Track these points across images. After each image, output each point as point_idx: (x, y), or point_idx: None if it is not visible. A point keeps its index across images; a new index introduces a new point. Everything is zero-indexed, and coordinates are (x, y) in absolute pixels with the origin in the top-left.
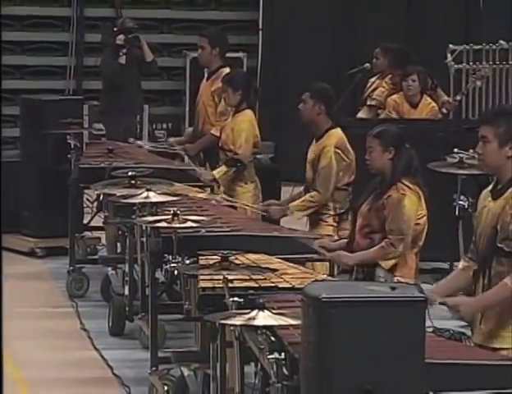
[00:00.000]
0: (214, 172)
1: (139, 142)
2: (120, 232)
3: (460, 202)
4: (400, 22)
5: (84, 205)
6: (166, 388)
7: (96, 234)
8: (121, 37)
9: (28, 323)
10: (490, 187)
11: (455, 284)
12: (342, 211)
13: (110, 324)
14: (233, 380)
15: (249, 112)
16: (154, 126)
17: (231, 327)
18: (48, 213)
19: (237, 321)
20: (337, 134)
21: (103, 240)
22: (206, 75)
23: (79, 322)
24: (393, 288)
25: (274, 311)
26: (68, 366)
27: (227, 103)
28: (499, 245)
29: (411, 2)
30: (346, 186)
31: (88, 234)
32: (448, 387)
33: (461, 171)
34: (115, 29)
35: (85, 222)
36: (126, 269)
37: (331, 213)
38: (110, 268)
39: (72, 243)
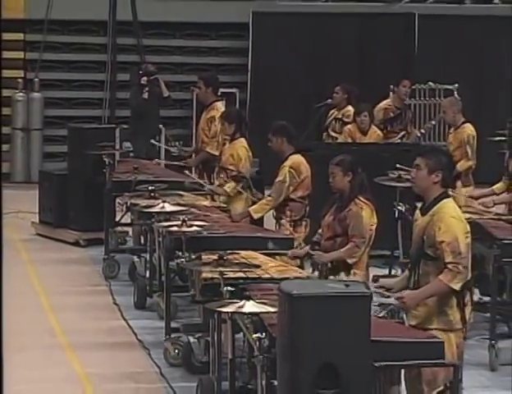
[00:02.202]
0: (225, 187)
1: (157, 160)
2: (143, 229)
3: (399, 207)
4: (353, 66)
5: (116, 207)
6: (176, 351)
7: (125, 229)
8: (145, 78)
9: (72, 299)
10: (420, 205)
11: (404, 282)
12: (297, 218)
13: (135, 300)
14: (227, 348)
15: (243, 139)
16: (169, 144)
17: None
18: (89, 213)
19: (229, 309)
20: (295, 158)
21: (130, 233)
22: None
23: (111, 298)
24: (347, 285)
25: (258, 300)
26: (102, 332)
27: (224, 133)
28: (426, 251)
29: (362, 50)
30: (301, 199)
31: (119, 229)
32: (388, 358)
33: (399, 184)
34: (140, 72)
35: (117, 219)
36: (147, 258)
37: (288, 219)
38: (135, 256)
39: (107, 236)
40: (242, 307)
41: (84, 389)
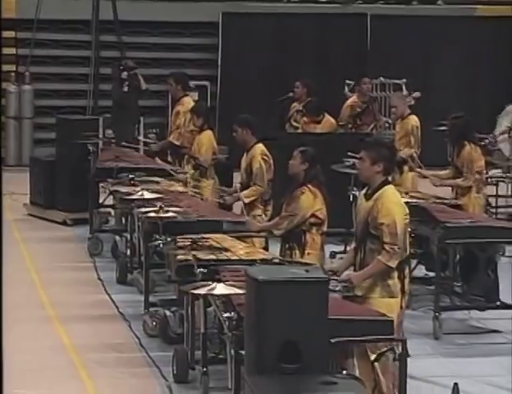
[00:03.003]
0: (187, 174)
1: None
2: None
3: (353, 192)
4: (312, 62)
5: (100, 190)
6: (154, 323)
7: (107, 210)
8: (125, 73)
9: (60, 274)
10: (364, 191)
11: (350, 260)
12: (267, 198)
13: (117, 275)
14: (199, 322)
15: (209, 131)
16: (147, 131)
17: None
18: (75, 196)
19: (202, 291)
20: (260, 147)
21: (113, 214)
22: None
23: (95, 273)
24: (307, 271)
25: (227, 283)
26: (87, 306)
27: (194, 125)
28: (371, 232)
29: (319, 48)
30: (269, 182)
31: (102, 210)
32: (343, 335)
33: (353, 171)
34: (120, 67)
35: (100, 201)
36: (128, 237)
37: (259, 199)
38: (117, 236)
39: (91, 217)
40: (213, 289)
41: (71, 359)
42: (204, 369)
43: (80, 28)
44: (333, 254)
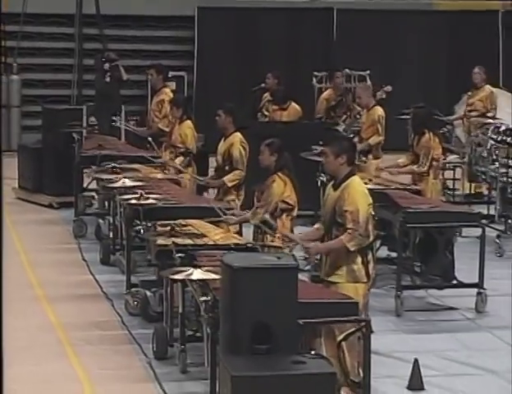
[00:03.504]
0: (176, 161)
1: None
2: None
3: (321, 178)
4: (282, 54)
5: (84, 174)
6: (135, 303)
7: (91, 194)
8: (107, 64)
9: (47, 255)
10: (331, 182)
11: (312, 236)
12: (240, 183)
13: (100, 256)
14: (178, 303)
15: (188, 122)
16: (128, 118)
17: None
18: (61, 180)
19: (180, 276)
20: (238, 135)
21: (96, 197)
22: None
23: (80, 254)
24: (278, 258)
25: (204, 268)
26: (73, 285)
27: (173, 116)
28: (337, 220)
29: (289, 41)
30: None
31: (86, 194)
32: (312, 316)
33: (321, 159)
34: (103, 59)
35: (84, 186)
36: (111, 220)
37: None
38: (100, 219)
39: (76, 200)
40: (191, 274)
41: (58, 336)
42: (182, 347)
43: (64, 21)
44: None
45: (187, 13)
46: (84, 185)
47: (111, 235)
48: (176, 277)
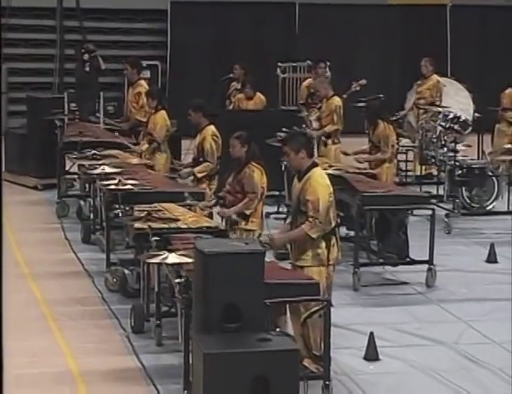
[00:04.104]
0: (142, 147)
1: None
2: None
3: (284, 162)
4: (248, 46)
5: (66, 159)
6: (114, 280)
7: (73, 176)
8: (86, 55)
9: (32, 234)
10: (297, 175)
11: (286, 231)
12: (212, 174)
13: (82, 235)
14: (153, 282)
15: (163, 111)
16: (106, 104)
17: None
18: (44, 163)
19: (156, 260)
20: (211, 128)
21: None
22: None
23: (63, 233)
24: (246, 244)
25: (178, 252)
26: (56, 263)
27: (149, 107)
28: (301, 209)
29: (255, 33)
30: (217, 159)
31: (68, 176)
32: (277, 296)
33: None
34: (82, 50)
35: (66, 169)
36: (91, 202)
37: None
38: (81, 200)
39: (59, 183)
40: (166, 258)
41: (42, 312)
42: (158, 322)
43: (46, 14)
44: (267, 215)
45: (160, 7)
46: (67, 168)
47: (91, 216)
48: (152, 260)
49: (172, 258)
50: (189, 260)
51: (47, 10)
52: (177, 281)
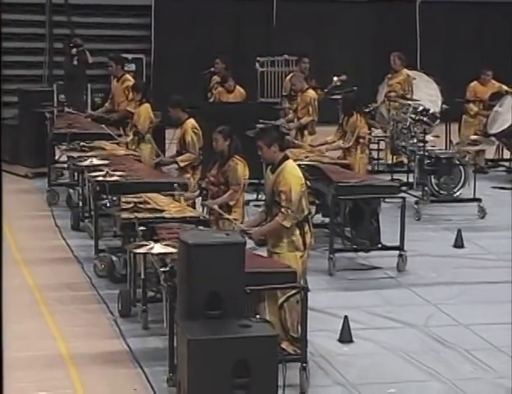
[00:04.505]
0: (128, 138)
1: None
2: None
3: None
4: (228, 41)
5: (56, 148)
6: (103, 266)
7: (62, 165)
8: (74, 49)
9: (23, 221)
10: (270, 167)
11: (258, 220)
12: (195, 164)
13: (71, 223)
14: (140, 269)
15: (147, 104)
16: (94, 95)
17: None
18: (35, 153)
19: (142, 250)
20: (191, 121)
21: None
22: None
23: (53, 221)
24: (227, 235)
25: (163, 242)
26: (47, 250)
27: (134, 100)
28: (275, 199)
29: (235, 29)
30: (199, 150)
31: (57, 165)
32: (256, 284)
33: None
34: (70, 45)
35: (56, 158)
36: (80, 190)
37: (190, 165)
38: (71, 189)
39: (49, 172)
40: (152, 248)
41: (35, 297)
42: (144, 307)
43: (36, 10)
44: (247, 202)
45: (145, 2)
46: (56, 157)
47: (80, 204)
48: (139, 250)
49: (158, 248)
50: (174, 250)
51: (36, 5)
52: (162, 269)
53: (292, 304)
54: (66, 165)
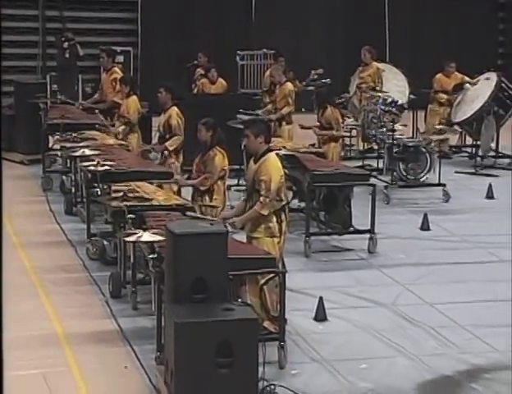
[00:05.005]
0: (119, 129)
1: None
2: None
3: (244, 142)
4: (210, 35)
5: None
6: (94, 250)
7: (56, 153)
8: (66, 43)
9: (20, 206)
10: (253, 157)
11: (240, 208)
12: (178, 149)
13: (64, 207)
14: (129, 251)
15: (134, 96)
16: (85, 85)
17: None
18: (30, 141)
19: (131, 238)
20: (175, 109)
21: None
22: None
23: (48, 206)
24: (211, 224)
25: (152, 231)
26: (42, 233)
27: (122, 93)
28: (256, 188)
29: (215, 24)
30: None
31: (51, 153)
32: (238, 269)
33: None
34: (62, 39)
35: (50, 146)
36: (73, 177)
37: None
38: (64, 176)
39: (43, 159)
40: (141, 236)
41: (31, 279)
42: (133, 289)
43: (30, 5)
44: (229, 187)
45: None
46: (50, 145)
47: (73, 190)
48: (129, 239)
49: (146, 236)
50: (162, 238)
51: (30, 1)
52: (151, 256)
53: (271, 287)
54: (59, 153)
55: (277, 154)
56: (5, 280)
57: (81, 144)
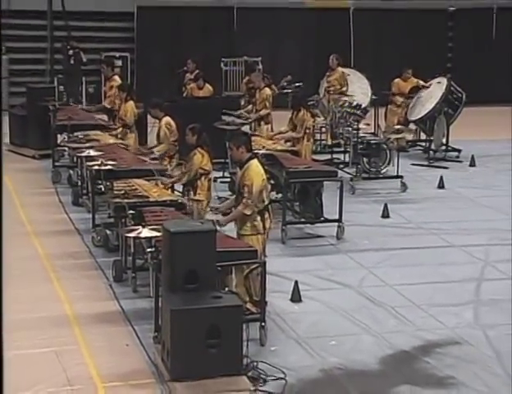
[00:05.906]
0: (118, 130)
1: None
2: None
3: (228, 142)
4: (197, 44)
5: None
6: (99, 238)
7: (64, 148)
8: (71, 51)
9: (32, 197)
10: (239, 165)
11: (231, 203)
12: (172, 153)
13: (72, 199)
14: (130, 244)
15: (131, 102)
16: (88, 86)
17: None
18: (41, 137)
19: (132, 234)
20: (165, 119)
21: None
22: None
23: (57, 197)
24: (201, 223)
25: (150, 227)
26: (52, 222)
27: (120, 97)
28: (241, 191)
29: (203, 34)
30: (173, 142)
31: (59, 148)
32: (225, 261)
33: (228, 127)
34: (68, 47)
35: (58, 142)
36: (79, 171)
37: (167, 155)
38: (71, 170)
39: (53, 154)
40: (140, 232)
41: (43, 264)
42: (133, 274)
43: (39, 16)
44: (215, 179)
45: (129, 10)
46: (58, 141)
47: (79, 183)
48: (129, 235)
49: (145, 232)
50: (159, 234)
51: (39, 12)
52: (149, 250)
53: (254, 276)
54: (66, 149)
55: (256, 155)
56: (21, 266)
57: (86, 145)
